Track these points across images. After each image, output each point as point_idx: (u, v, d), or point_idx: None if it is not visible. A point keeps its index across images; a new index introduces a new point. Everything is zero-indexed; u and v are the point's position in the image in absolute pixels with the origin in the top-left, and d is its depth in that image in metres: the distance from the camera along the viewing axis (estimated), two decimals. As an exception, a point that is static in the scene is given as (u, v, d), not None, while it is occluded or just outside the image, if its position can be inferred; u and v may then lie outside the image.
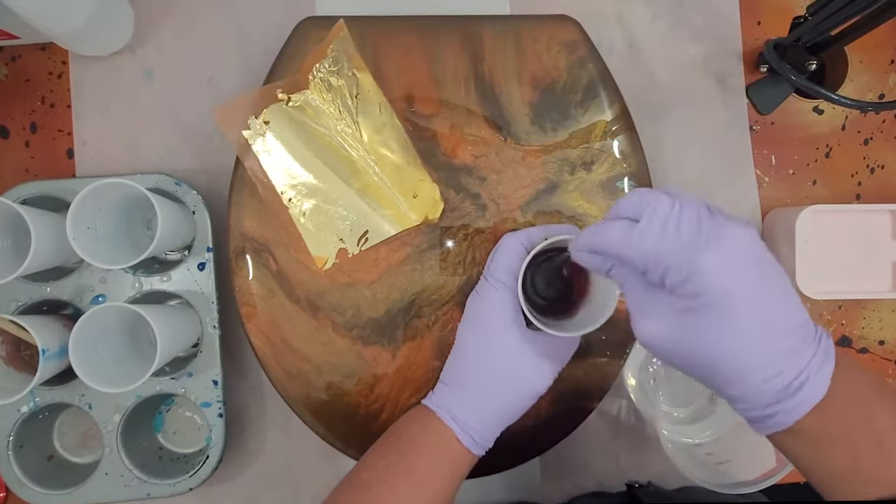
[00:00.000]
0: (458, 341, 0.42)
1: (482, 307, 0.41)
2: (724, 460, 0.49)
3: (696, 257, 0.28)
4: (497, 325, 0.40)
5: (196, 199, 0.48)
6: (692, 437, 0.51)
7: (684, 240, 0.29)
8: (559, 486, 0.53)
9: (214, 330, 0.48)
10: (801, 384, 0.29)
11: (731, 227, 0.29)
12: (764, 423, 0.30)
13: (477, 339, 0.41)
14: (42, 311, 0.48)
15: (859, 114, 0.55)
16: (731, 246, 0.29)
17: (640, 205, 0.30)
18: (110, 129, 0.52)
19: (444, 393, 0.42)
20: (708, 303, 0.28)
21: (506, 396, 0.40)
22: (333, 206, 0.47)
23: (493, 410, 0.40)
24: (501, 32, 0.49)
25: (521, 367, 0.40)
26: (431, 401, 0.42)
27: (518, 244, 0.41)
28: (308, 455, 0.52)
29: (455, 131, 0.48)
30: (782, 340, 0.29)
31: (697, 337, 0.29)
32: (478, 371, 0.41)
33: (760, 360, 0.29)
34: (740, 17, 0.55)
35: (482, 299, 0.41)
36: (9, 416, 0.47)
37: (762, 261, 0.29)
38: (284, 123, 0.47)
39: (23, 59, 0.52)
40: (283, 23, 0.49)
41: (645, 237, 0.30)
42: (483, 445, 0.40)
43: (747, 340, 0.29)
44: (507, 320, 0.40)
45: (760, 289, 0.29)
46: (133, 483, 0.47)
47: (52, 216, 0.44)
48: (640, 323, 0.32)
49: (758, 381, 0.29)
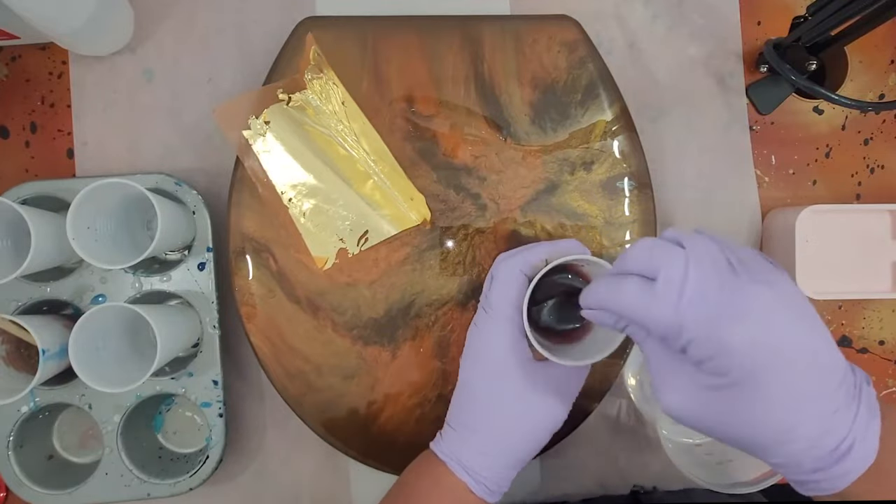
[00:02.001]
0: (462, 380, 0.40)
1: (483, 343, 0.38)
2: (724, 460, 0.49)
3: (721, 334, 0.25)
4: (502, 361, 0.37)
5: (196, 199, 0.48)
6: (692, 437, 0.51)
7: (706, 310, 0.26)
8: (559, 486, 0.53)
9: (214, 330, 0.48)
10: (849, 448, 0.26)
11: (756, 287, 0.26)
12: (809, 487, 0.28)
13: (482, 378, 0.38)
14: (42, 311, 0.48)
15: (859, 114, 0.55)
16: (760, 313, 0.26)
17: (650, 262, 0.28)
18: (110, 129, 0.52)
19: (453, 440, 0.39)
20: (738, 380, 0.26)
21: (519, 439, 0.38)
22: (333, 205, 0.47)
23: (507, 455, 0.38)
24: (501, 32, 0.48)
25: (533, 404, 0.38)
26: (441, 449, 0.39)
27: (517, 271, 0.38)
28: (308, 455, 0.52)
29: (455, 131, 0.48)
30: (826, 403, 0.26)
31: (730, 413, 0.27)
32: (487, 414, 0.38)
33: (803, 430, 0.26)
34: (740, 17, 0.55)
35: (482, 333, 0.38)
36: (9, 416, 0.47)
37: (798, 316, 0.26)
38: (285, 123, 0.47)
39: (23, 59, 0.52)
40: (283, 23, 0.49)
41: (661, 305, 0.27)
42: (499, 492, 0.38)
43: (787, 412, 0.26)
44: (512, 355, 0.37)
45: (799, 352, 0.26)
46: (133, 483, 0.47)
47: (52, 216, 0.44)
48: (664, 393, 0.29)
49: (801, 449, 0.26)
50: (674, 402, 0.29)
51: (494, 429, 0.38)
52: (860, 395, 0.27)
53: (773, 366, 0.25)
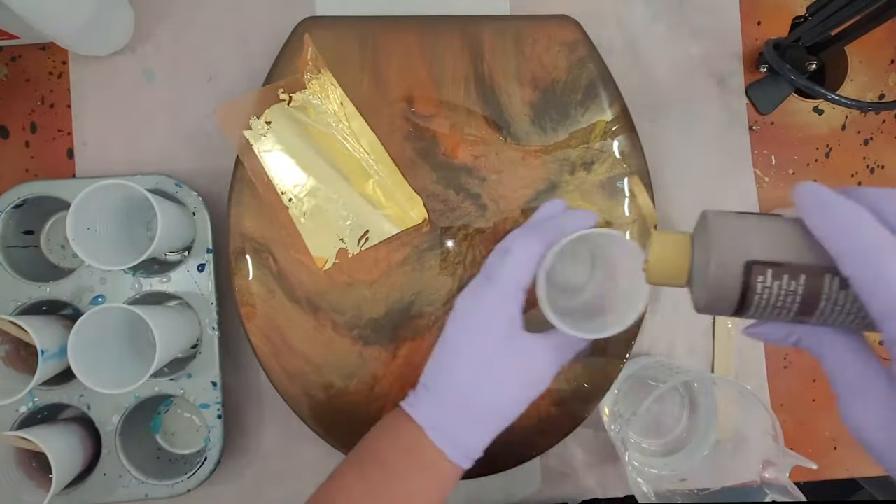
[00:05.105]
0: (446, 341, 0.38)
1: (480, 310, 0.37)
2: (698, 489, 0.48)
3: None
4: (496, 327, 0.36)
5: (196, 200, 0.48)
6: (658, 469, 0.51)
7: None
8: (559, 486, 0.53)
9: (214, 331, 0.48)
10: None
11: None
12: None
13: (470, 341, 0.36)
14: (41, 311, 0.48)
15: (859, 114, 0.55)
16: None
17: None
18: (110, 129, 0.52)
19: (430, 402, 0.37)
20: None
21: (502, 404, 0.36)
22: (334, 205, 0.47)
23: (487, 420, 0.37)
24: (501, 32, 0.49)
25: (521, 374, 0.36)
26: (416, 411, 0.37)
27: (535, 252, 0.36)
28: (308, 455, 0.51)
29: (455, 131, 0.48)
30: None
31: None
32: (471, 376, 0.36)
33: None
34: (740, 17, 0.55)
35: (480, 301, 0.37)
36: (8, 416, 0.47)
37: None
38: (286, 123, 0.47)
39: (23, 59, 0.52)
40: (283, 23, 0.49)
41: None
42: (473, 458, 0.37)
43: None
44: (507, 323, 0.36)
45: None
46: (131, 484, 0.47)
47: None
48: (853, 415, 0.23)
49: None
50: (868, 426, 0.23)
51: (478, 393, 0.36)
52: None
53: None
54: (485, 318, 0.36)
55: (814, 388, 0.55)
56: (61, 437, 0.45)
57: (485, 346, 0.36)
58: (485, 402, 0.36)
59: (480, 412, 0.36)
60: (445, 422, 0.36)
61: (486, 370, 0.36)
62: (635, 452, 0.52)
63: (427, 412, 0.37)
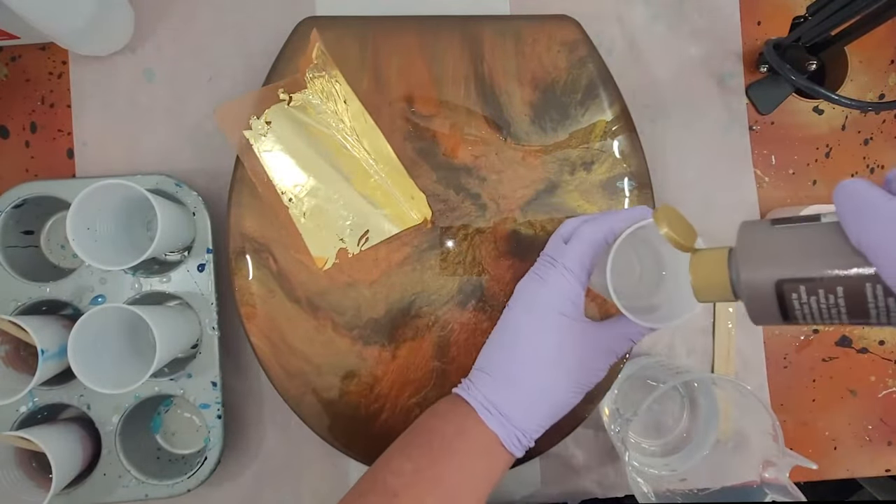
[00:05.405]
0: (506, 327, 0.37)
1: (544, 292, 0.36)
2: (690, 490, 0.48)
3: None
4: (560, 312, 0.35)
5: (196, 200, 0.48)
6: (658, 469, 0.51)
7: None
8: (559, 486, 0.53)
9: (213, 331, 0.48)
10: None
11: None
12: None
13: (533, 327, 0.36)
14: (41, 311, 0.48)
15: (859, 114, 0.55)
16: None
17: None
18: (110, 129, 0.52)
19: (485, 384, 0.36)
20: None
21: (561, 389, 0.36)
22: (334, 205, 0.47)
23: (544, 405, 0.36)
24: (501, 32, 0.49)
25: (582, 359, 0.36)
26: (471, 395, 0.36)
27: (601, 237, 0.36)
28: (308, 455, 0.52)
29: (455, 131, 0.48)
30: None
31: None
32: (532, 359, 0.35)
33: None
34: (740, 17, 0.55)
35: (545, 283, 0.36)
36: (8, 416, 0.47)
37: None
38: (286, 123, 0.47)
39: (23, 59, 0.52)
40: (283, 23, 0.49)
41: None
42: (526, 445, 0.36)
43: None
44: (572, 309, 0.36)
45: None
46: (131, 484, 0.47)
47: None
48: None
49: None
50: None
51: (539, 380, 0.35)
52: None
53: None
54: (551, 300, 0.36)
55: (814, 388, 0.55)
56: (61, 437, 0.45)
57: (549, 329, 0.36)
58: (544, 385, 0.36)
59: (538, 396, 0.36)
60: (501, 403, 0.35)
61: (548, 353, 0.35)
62: (635, 452, 0.52)
63: (482, 394, 0.36)
